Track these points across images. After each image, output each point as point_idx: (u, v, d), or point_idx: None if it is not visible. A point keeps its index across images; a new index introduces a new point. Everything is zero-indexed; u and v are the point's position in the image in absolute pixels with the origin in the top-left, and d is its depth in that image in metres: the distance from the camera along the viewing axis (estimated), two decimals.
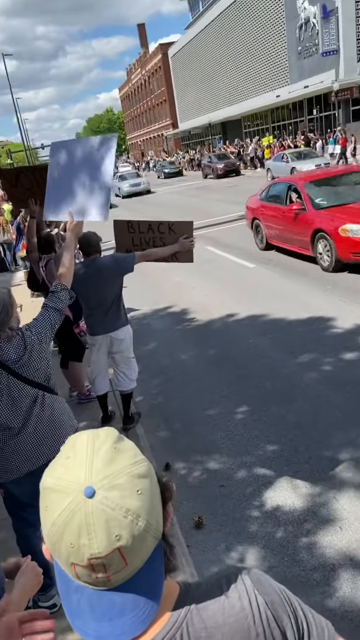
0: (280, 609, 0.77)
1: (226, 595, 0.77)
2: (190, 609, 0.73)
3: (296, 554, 2.67)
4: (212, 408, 4.41)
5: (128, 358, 4.07)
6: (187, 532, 2.94)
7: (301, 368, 4.80)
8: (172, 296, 7.99)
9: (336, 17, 26.11)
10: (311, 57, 28.81)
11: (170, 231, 3.83)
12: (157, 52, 60.79)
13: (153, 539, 0.69)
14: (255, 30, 34.97)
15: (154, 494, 0.70)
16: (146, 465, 0.70)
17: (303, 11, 28.55)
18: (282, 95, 32.39)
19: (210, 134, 46.07)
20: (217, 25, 41.20)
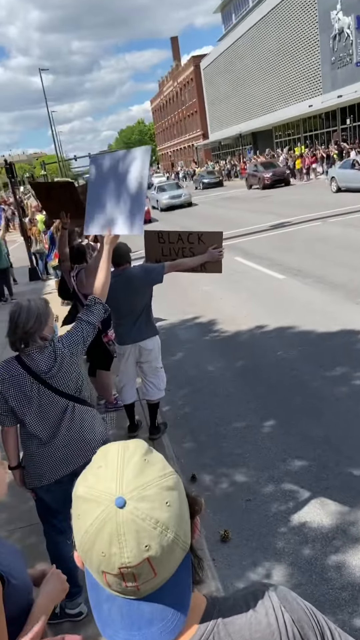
0: (306, 626, 0.77)
1: (253, 610, 0.77)
2: (217, 622, 0.74)
3: (324, 572, 2.61)
4: (239, 420, 4.38)
5: (156, 368, 4.09)
6: (212, 545, 2.92)
7: (331, 382, 4.73)
8: (200, 306, 8.00)
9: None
10: (345, 67, 28.60)
11: (200, 241, 3.86)
12: (189, 65, 61.48)
13: (181, 550, 0.69)
14: (288, 42, 34.99)
15: (182, 507, 0.71)
16: (174, 477, 0.71)
17: (337, 22, 28.42)
18: (314, 105, 32.20)
19: (240, 144, 46.13)
20: (250, 37, 41.41)
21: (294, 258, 10.10)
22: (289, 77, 35.98)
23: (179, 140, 71.93)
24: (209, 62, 53.91)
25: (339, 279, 7.98)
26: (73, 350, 2.29)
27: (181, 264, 3.80)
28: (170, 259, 3.89)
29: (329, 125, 32.77)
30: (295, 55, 34.50)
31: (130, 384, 4.14)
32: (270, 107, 39.82)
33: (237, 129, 44.60)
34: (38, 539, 2.61)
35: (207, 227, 16.73)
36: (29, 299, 2.26)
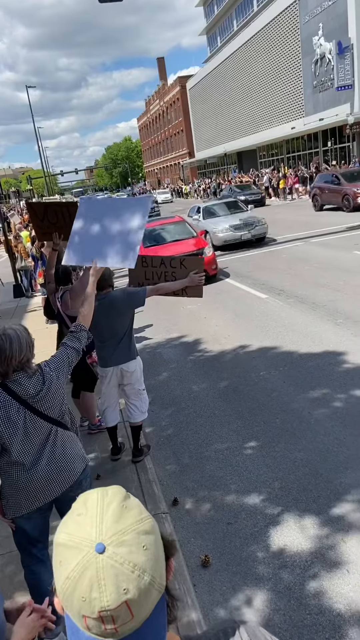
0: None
1: None
2: None
3: (303, 597, 2.65)
4: (221, 442, 4.43)
5: (139, 390, 4.13)
6: (193, 570, 2.94)
7: (311, 403, 4.81)
8: (184, 325, 8.07)
9: (351, 53, 26.73)
10: (326, 91, 29.42)
11: (182, 266, 3.95)
12: (175, 85, 62.60)
13: (157, 592, 0.73)
14: (272, 65, 35.94)
15: (158, 549, 0.74)
16: (151, 522, 0.76)
17: (319, 47, 29.31)
18: (297, 127, 32.99)
19: (225, 163, 46.90)
20: (235, 60, 42.42)
21: (276, 277, 10.27)
22: (272, 100, 36.87)
23: (166, 158, 72.81)
24: (194, 83, 54.98)
25: (320, 300, 8.14)
26: (60, 375, 2.34)
27: (163, 287, 3.87)
28: (152, 282, 3.97)
29: (311, 147, 33.55)
30: (278, 79, 35.42)
31: (112, 407, 4.16)
32: (255, 128, 40.66)
33: (222, 148, 45.41)
34: (17, 568, 2.59)
35: None
36: (12, 328, 2.29)
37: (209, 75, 49.83)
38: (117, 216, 2.69)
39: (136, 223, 2.65)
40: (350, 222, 15.84)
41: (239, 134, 43.99)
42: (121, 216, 2.68)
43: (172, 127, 66.44)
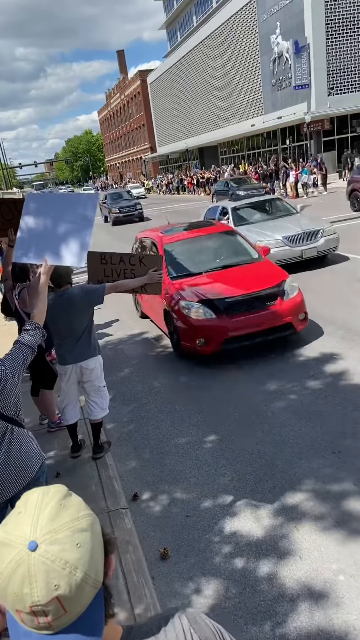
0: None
1: (165, 635, 0.86)
2: None
3: (257, 584, 2.75)
4: (181, 437, 4.49)
5: (99, 387, 4.13)
6: (152, 563, 2.99)
7: (268, 396, 4.94)
8: (146, 321, 8.09)
9: (308, 52, 27.28)
10: (284, 90, 29.92)
11: (141, 264, 3.98)
12: (136, 79, 62.09)
13: (92, 588, 0.76)
14: (231, 62, 36.22)
15: (94, 547, 0.78)
16: (89, 520, 0.79)
17: (276, 46, 29.74)
18: (256, 125, 33.43)
19: (187, 158, 47.01)
20: (194, 56, 42.48)
21: None
22: (232, 97, 37.19)
23: (127, 152, 72.22)
24: (155, 77, 54.72)
25: None
26: (15, 372, 2.33)
27: (122, 285, 3.89)
28: (111, 280, 3.98)
29: (270, 145, 34.09)
30: (238, 76, 35.74)
31: (72, 404, 4.15)
32: (216, 124, 40.92)
33: (184, 143, 45.48)
34: None
35: None
36: None
37: (169, 70, 49.70)
38: (66, 212, 2.70)
39: (86, 219, 2.65)
40: None
41: (201, 130, 44.16)
42: (70, 212, 2.69)
43: (134, 122, 65.95)
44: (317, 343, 6.06)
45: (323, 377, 5.18)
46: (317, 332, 6.41)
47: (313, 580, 2.72)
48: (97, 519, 0.83)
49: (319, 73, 27.50)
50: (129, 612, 2.49)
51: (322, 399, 4.73)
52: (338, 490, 3.43)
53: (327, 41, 27.24)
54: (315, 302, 7.20)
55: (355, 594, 2.61)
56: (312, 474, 3.64)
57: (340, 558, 2.85)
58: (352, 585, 2.66)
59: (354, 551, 2.89)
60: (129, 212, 24.50)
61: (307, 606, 2.58)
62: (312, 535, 3.05)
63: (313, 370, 5.35)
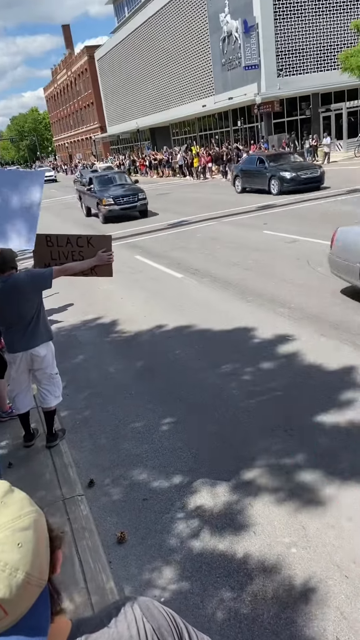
0: (166, 632, 0.87)
1: (116, 625, 0.85)
2: None
3: (213, 561, 2.81)
4: (138, 421, 4.49)
5: (51, 375, 4.05)
6: (109, 548, 3.00)
7: (223, 378, 5.01)
8: (101, 306, 7.99)
9: (257, 32, 27.27)
10: (235, 70, 29.86)
11: (89, 245, 3.86)
12: (82, 55, 60.13)
13: (36, 587, 0.74)
14: (181, 40, 35.67)
15: (38, 545, 0.75)
16: (31, 517, 0.76)
17: (226, 25, 29.55)
18: (208, 105, 33.27)
19: (139, 139, 46.26)
20: (143, 32, 41.53)
21: (191, 257, 10.44)
22: (183, 76, 36.74)
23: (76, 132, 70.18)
24: (103, 54, 53.18)
25: (231, 278, 8.42)
26: None
27: (70, 268, 3.78)
28: (59, 262, 3.86)
29: (222, 126, 34.07)
30: (188, 55, 35.30)
31: (23, 393, 4.05)
32: (167, 104, 40.38)
33: (135, 123, 44.67)
34: None
35: (107, 224, 16.62)
36: None
37: (117, 47, 48.41)
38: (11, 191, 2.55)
39: (33, 199, 2.53)
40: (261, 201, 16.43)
41: (152, 110, 43.46)
42: (15, 191, 2.55)
43: (82, 99, 64.01)
44: (270, 324, 6.19)
45: (275, 357, 5.30)
46: (269, 314, 6.54)
47: (267, 554, 2.81)
48: (42, 514, 0.80)
49: (268, 54, 27.60)
50: (85, 598, 2.49)
51: (274, 379, 4.85)
52: (290, 464, 3.54)
53: (275, 22, 27.32)
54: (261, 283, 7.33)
55: (306, 564, 2.72)
56: (265, 451, 3.74)
57: (292, 532, 2.96)
58: (304, 557, 2.77)
59: (305, 523, 3.00)
60: (127, 203, 16.86)
61: (261, 580, 2.66)
62: (266, 510, 3.15)
63: (266, 352, 5.47)
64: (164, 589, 2.67)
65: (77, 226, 16.93)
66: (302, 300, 6.85)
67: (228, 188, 21.75)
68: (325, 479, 3.36)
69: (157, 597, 2.59)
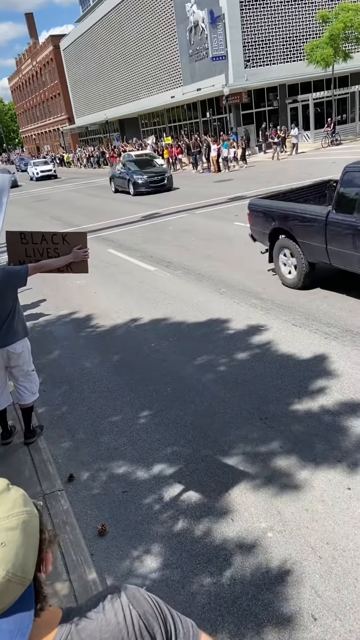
0: (151, 618, 0.93)
1: (104, 613, 0.90)
2: (71, 631, 0.86)
3: (193, 549, 2.90)
4: (115, 415, 4.53)
5: (27, 372, 4.04)
6: (90, 540, 3.04)
7: (198, 370, 5.09)
8: (75, 301, 7.95)
9: (223, 23, 27.21)
10: (202, 61, 29.76)
11: (64, 242, 3.86)
12: (47, 44, 58.86)
13: (18, 585, 0.77)
14: (147, 30, 35.31)
15: (23, 545, 0.78)
16: (21, 518, 0.80)
17: (192, 15, 29.38)
18: (176, 96, 33.11)
19: (108, 130, 45.70)
20: (109, 21, 40.92)
21: (164, 249, 10.46)
22: (151, 66, 36.42)
23: (44, 123, 68.82)
24: (68, 43, 52.17)
25: (205, 270, 8.49)
26: None
27: (46, 265, 3.78)
28: (34, 260, 3.85)
29: (191, 117, 33.97)
30: (155, 45, 34.98)
31: (0, 390, 4.03)
32: (135, 95, 39.99)
33: (103, 114, 44.09)
34: None
35: (80, 217, 16.45)
36: None
37: (83, 36, 47.55)
38: None
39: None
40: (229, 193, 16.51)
41: (120, 101, 42.97)
42: None
43: (48, 90, 62.74)
44: (243, 315, 6.29)
45: (249, 348, 5.41)
46: (242, 305, 6.65)
47: (244, 539, 2.91)
48: (35, 516, 0.83)
49: (235, 45, 27.61)
50: (69, 590, 2.53)
51: (249, 369, 4.96)
52: (266, 452, 3.65)
53: (241, 12, 27.32)
54: (234, 275, 7.41)
55: (282, 548, 2.83)
56: (241, 440, 3.83)
57: (268, 517, 3.06)
58: (280, 541, 2.88)
59: (280, 508, 3.12)
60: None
61: (239, 564, 2.76)
62: (243, 497, 3.24)
63: (240, 343, 5.57)
64: (146, 578, 2.74)
65: None
66: (273, 291, 6.98)
67: (199, 179, 21.80)
68: (299, 464, 3.48)
69: (139, 585, 2.65)
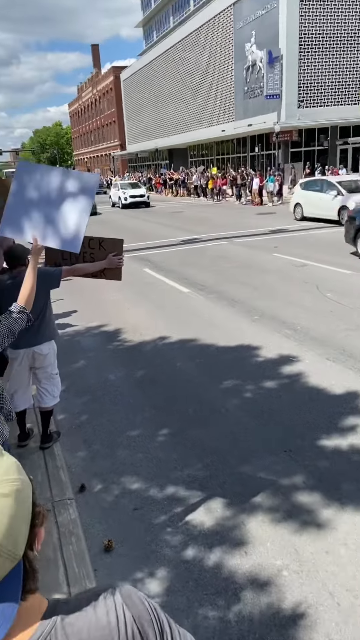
0: (146, 624, 0.81)
1: (94, 610, 0.79)
2: (56, 624, 0.74)
3: (201, 578, 2.70)
4: (134, 430, 4.41)
5: (51, 374, 4.00)
6: (95, 555, 2.89)
7: (223, 394, 4.93)
8: (107, 315, 7.96)
9: (281, 63, 27.82)
10: (256, 98, 30.39)
11: (101, 247, 3.85)
12: (109, 74, 61.56)
13: (6, 560, 0.69)
14: (205, 66, 36.46)
15: (15, 516, 0.70)
16: (14, 485, 0.71)
17: (251, 54, 30.18)
18: (227, 130, 33.78)
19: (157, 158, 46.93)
20: (170, 56, 42.52)
21: (199, 273, 10.44)
22: (205, 100, 37.43)
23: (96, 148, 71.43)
24: (129, 75, 54.41)
25: (239, 296, 8.39)
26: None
27: (80, 269, 3.76)
28: (69, 263, 3.85)
29: (239, 151, 34.53)
30: (211, 80, 36.01)
31: (22, 390, 3.99)
32: (187, 127, 41.07)
33: (154, 143, 45.38)
34: None
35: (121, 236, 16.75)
36: None
37: (143, 69, 49.53)
38: (63, 190, 2.50)
39: (83, 201, 2.48)
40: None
41: (172, 131, 44.21)
42: (68, 191, 2.50)
43: (105, 117, 65.31)
44: (275, 344, 6.12)
45: (278, 377, 5.22)
46: (274, 334, 6.49)
47: (258, 575, 2.70)
48: (28, 485, 0.75)
49: (290, 85, 28.11)
50: None
51: (276, 398, 4.77)
52: (288, 485, 3.44)
53: (299, 54, 27.88)
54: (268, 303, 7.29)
55: (297, 589, 2.61)
56: (263, 470, 3.64)
57: (284, 554, 2.85)
58: (295, 581, 2.66)
59: (298, 546, 2.90)
60: None
61: (250, 600, 2.55)
62: (259, 530, 3.04)
63: (269, 371, 5.39)
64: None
65: None
66: (308, 324, 6.79)
67: (241, 210, 21.94)
68: (323, 503, 3.26)
69: None
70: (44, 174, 2.58)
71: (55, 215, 2.50)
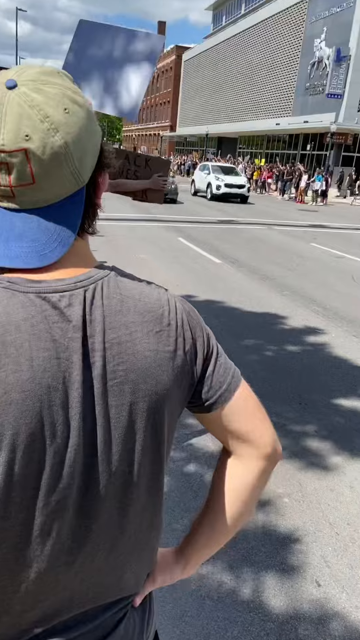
0: (197, 325, 0.76)
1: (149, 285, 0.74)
2: (110, 274, 0.70)
3: (200, 490, 2.69)
4: None
5: None
6: None
7: (243, 350, 4.89)
8: (134, 269, 7.82)
9: (348, 63, 27.22)
10: (316, 96, 29.85)
11: (147, 166, 3.79)
12: (172, 53, 61.15)
13: (70, 175, 0.64)
14: (270, 57, 35.92)
15: (86, 131, 0.65)
16: (86, 103, 0.66)
17: (319, 50, 29.62)
18: (281, 124, 33.30)
19: (205, 144, 46.61)
20: (235, 43, 42.01)
21: (233, 249, 10.36)
22: (263, 91, 36.93)
23: (146, 126, 71.27)
24: (191, 56, 53.99)
25: (271, 273, 8.29)
26: None
27: (122, 184, 3.72)
28: (111, 177, 3.81)
29: (290, 148, 34.02)
30: (273, 72, 35.49)
31: None
32: (240, 116, 40.64)
33: (205, 129, 45.03)
34: None
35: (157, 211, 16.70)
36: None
37: (207, 52, 49.07)
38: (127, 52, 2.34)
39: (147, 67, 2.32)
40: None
41: (224, 119, 43.82)
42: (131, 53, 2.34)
43: (160, 96, 65.05)
44: (301, 317, 6.04)
45: (301, 344, 5.15)
46: (303, 309, 6.40)
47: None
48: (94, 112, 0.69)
49: (354, 86, 27.51)
50: None
51: (297, 360, 4.71)
52: (299, 431, 3.40)
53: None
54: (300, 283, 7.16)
55: (297, 515, 2.58)
56: (274, 414, 3.59)
57: (287, 485, 2.81)
58: (295, 507, 2.63)
59: (302, 481, 2.86)
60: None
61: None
62: None
63: (293, 337, 5.32)
64: None
65: None
66: (338, 305, 6.67)
67: (283, 205, 21.64)
68: (332, 450, 3.21)
69: None
70: (107, 32, 2.43)
71: (117, 79, 2.38)
